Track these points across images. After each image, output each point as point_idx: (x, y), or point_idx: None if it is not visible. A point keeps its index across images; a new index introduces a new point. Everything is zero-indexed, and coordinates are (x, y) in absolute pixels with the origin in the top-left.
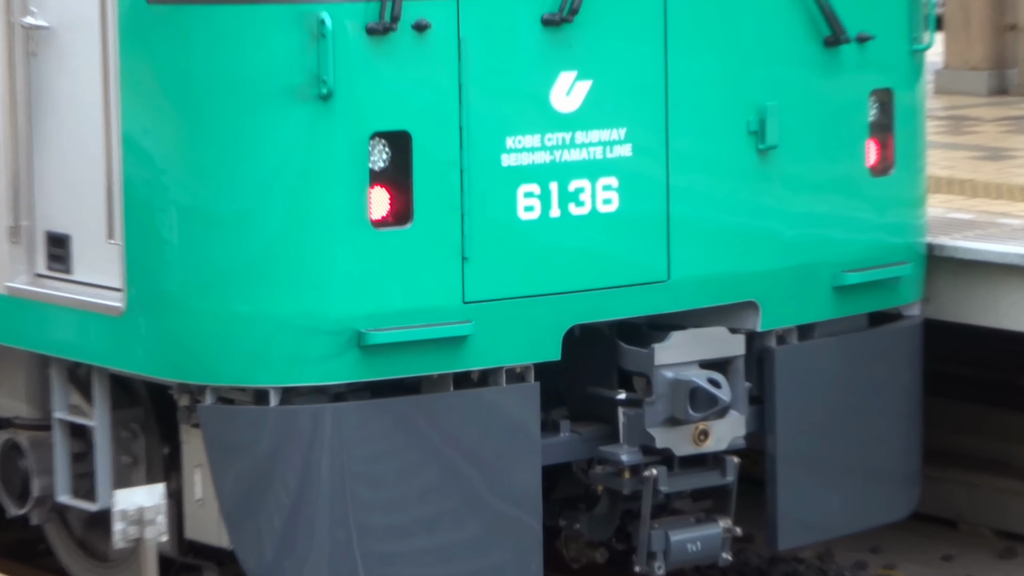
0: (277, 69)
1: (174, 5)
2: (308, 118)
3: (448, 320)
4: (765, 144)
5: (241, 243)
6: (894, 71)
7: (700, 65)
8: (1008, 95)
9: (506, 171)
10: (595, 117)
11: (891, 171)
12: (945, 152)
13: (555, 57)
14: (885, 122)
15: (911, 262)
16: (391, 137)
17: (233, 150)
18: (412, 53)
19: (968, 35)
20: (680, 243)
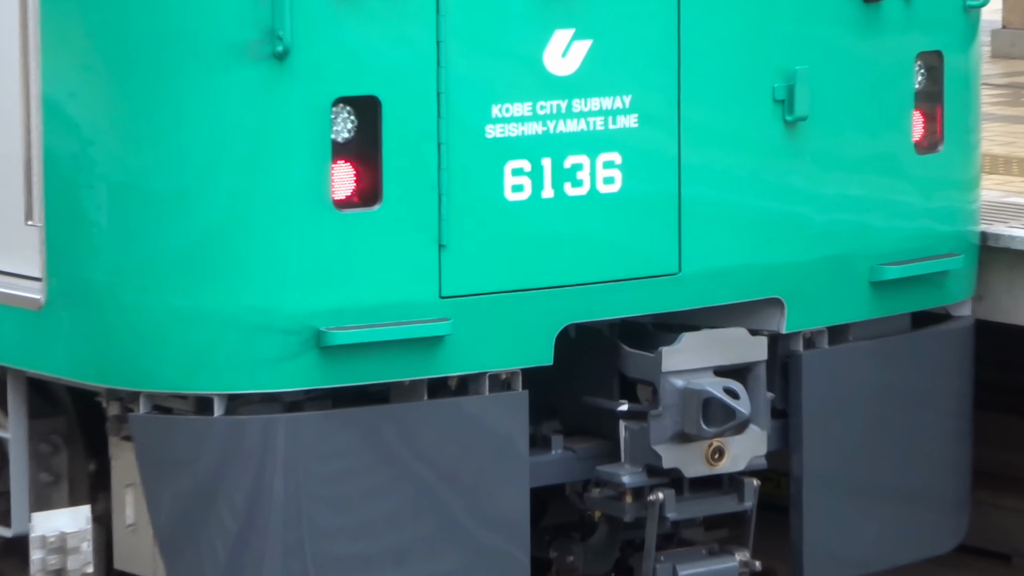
0: (225, 23)
1: None
2: (261, 80)
3: (422, 318)
4: (794, 115)
5: (182, 226)
6: (944, 31)
7: (718, 22)
8: None
9: (491, 144)
10: (595, 82)
11: (940, 148)
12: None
13: (549, 12)
14: (934, 90)
15: (962, 254)
16: (357, 103)
17: (173, 117)
18: (383, 5)
19: None
20: (693, 230)
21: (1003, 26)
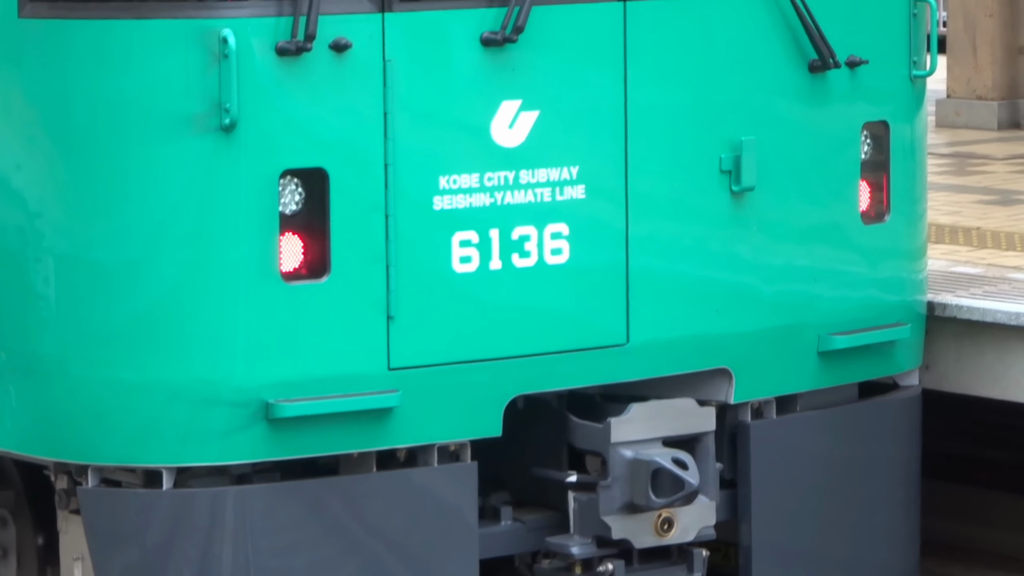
0: (172, 95)
1: (51, 19)
2: (208, 152)
3: (371, 389)
4: (740, 185)
5: (129, 298)
6: (890, 101)
7: (665, 93)
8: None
9: (439, 215)
10: (542, 153)
11: (886, 217)
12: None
13: (496, 83)
14: (880, 160)
15: (909, 323)
16: (304, 175)
17: (120, 189)
18: (330, 77)
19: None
20: (641, 300)
21: (948, 95)
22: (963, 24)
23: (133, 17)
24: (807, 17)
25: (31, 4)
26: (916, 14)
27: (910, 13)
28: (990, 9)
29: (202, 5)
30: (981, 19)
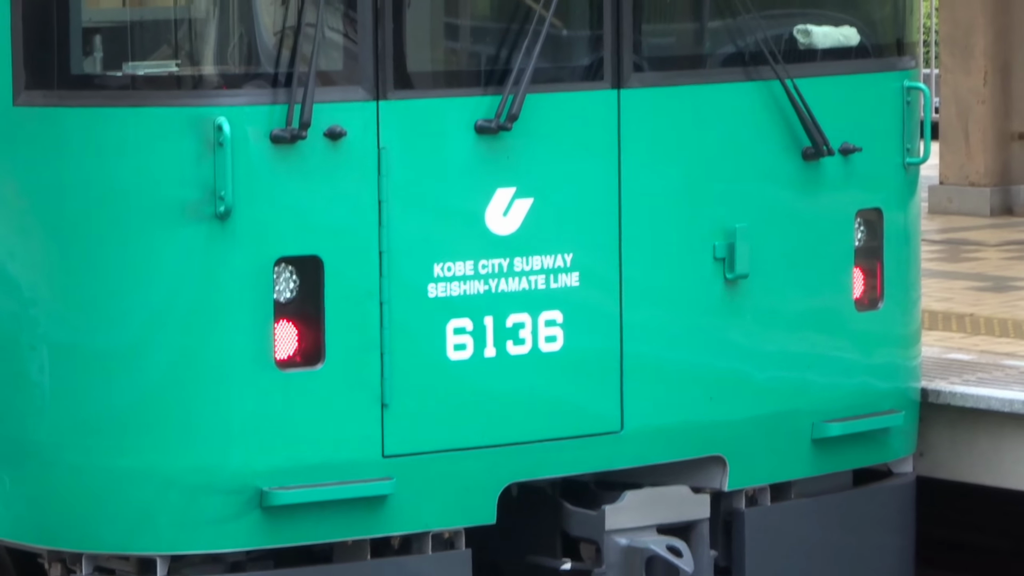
0: (167, 183)
1: (45, 107)
2: (203, 240)
3: (365, 477)
4: (734, 273)
5: (124, 386)
6: (883, 188)
7: (659, 181)
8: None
9: (433, 303)
10: (537, 241)
11: (880, 304)
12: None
13: (491, 171)
14: (873, 247)
15: (903, 411)
16: (299, 263)
17: (115, 277)
18: (324, 165)
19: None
20: (635, 388)
21: (940, 182)
22: (955, 111)
23: (128, 105)
24: (800, 105)
25: (26, 92)
26: (909, 101)
27: (903, 100)
28: (982, 96)
29: (197, 93)
30: (973, 106)
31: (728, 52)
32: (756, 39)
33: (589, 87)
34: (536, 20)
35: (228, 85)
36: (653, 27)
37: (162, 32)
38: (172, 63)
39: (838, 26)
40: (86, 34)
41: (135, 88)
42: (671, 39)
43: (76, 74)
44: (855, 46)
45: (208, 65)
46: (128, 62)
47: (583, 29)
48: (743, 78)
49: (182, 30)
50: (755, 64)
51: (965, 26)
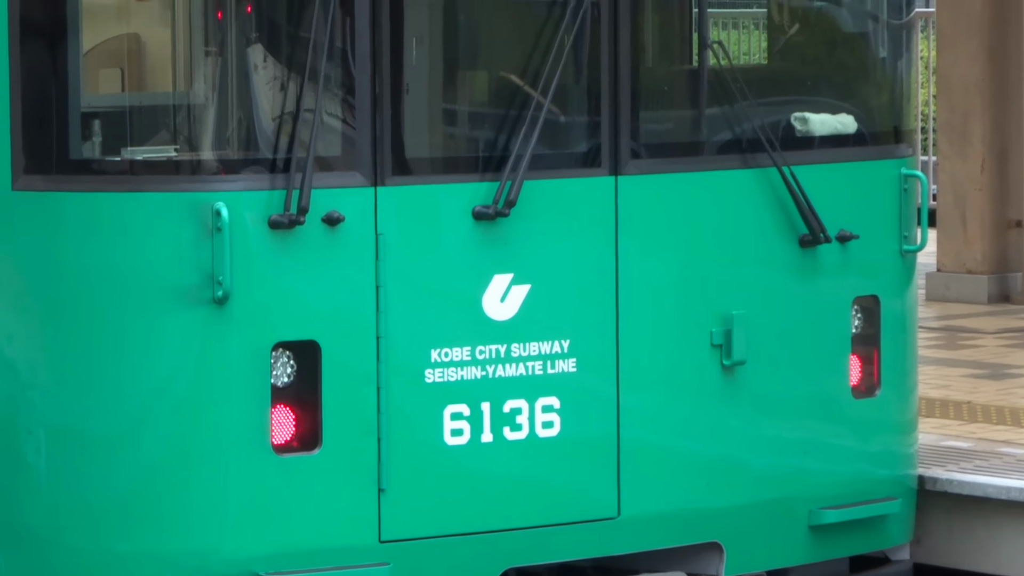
0: (165, 267)
1: (43, 192)
2: (200, 325)
3: (362, 562)
4: (731, 359)
5: (120, 469)
6: (881, 275)
7: (656, 267)
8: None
9: (430, 388)
10: (534, 327)
11: (877, 391)
12: (939, 369)
13: (488, 256)
14: (870, 334)
15: (899, 498)
16: (297, 348)
17: (112, 361)
18: (322, 250)
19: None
20: (632, 474)
21: (938, 269)
22: (953, 198)
23: (126, 189)
24: (798, 192)
25: (25, 176)
26: (906, 189)
27: (901, 188)
28: (980, 183)
29: (195, 178)
30: (971, 193)
31: (725, 139)
32: (753, 126)
33: (587, 173)
34: (534, 106)
35: (226, 170)
36: (650, 114)
37: (161, 117)
38: (171, 148)
39: (835, 114)
40: (85, 119)
41: (133, 173)
42: (668, 126)
43: (75, 159)
44: (852, 133)
45: (207, 150)
46: (127, 147)
47: (581, 115)
48: (740, 165)
49: (181, 115)
50: (752, 151)
51: (962, 113)
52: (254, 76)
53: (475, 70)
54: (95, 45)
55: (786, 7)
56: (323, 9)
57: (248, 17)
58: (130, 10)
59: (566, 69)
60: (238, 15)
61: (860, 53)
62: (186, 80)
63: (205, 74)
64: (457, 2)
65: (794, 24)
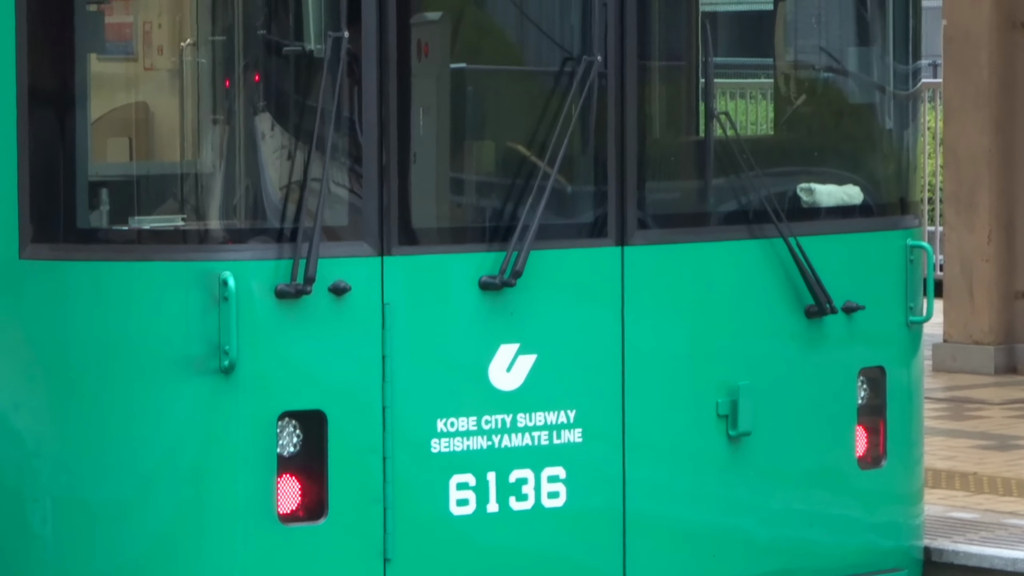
0: (171, 336)
1: (51, 260)
2: (207, 394)
3: None
4: (737, 430)
5: (127, 539)
6: (887, 346)
7: (662, 337)
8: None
9: (436, 458)
10: (540, 397)
11: (883, 463)
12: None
13: (495, 326)
14: (876, 405)
15: (905, 569)
16: (303, 417)
17: (118, 430)
18: (329, 320)
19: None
20: (638, 544)
21: (944, 339)
22: (960, 269)
23: (133, 259)
24: (804, 263)
25: (32, 246)
26: (912, 260)
27: (907, 259)
28: (987, 254)
29: (202, 247)
30: (978, 264)
31: (732, 209)
32: (759, 197)
33: (593, 244)
34: (541, 176)
35: (233, 240)
36: (657, 184)
37: (168, 186)
38: (178, 217)
39: (842, 184)
40: (93, 187)
41: (141, 242)
42: (675, 196)
43: (82, 227)
44: (858, 204)
45: (214, 219)
46: (134, 216)
47: (587, 185)
48: (747, 235)
49: (188, 184)
50: (759, 222)
51: (970, 184)
52: (261, 145)
53: (482, 140)
54: (103, 114)
55: (793, 78)
56: (331, 78)
57: (256, 86)
58: (138, 79)
59: (573, 139)
60: (246, 83)
61: (867, 124)
62: (194, 149)
63: (212, 142)
64: (464, 72)
65: (801, 95)
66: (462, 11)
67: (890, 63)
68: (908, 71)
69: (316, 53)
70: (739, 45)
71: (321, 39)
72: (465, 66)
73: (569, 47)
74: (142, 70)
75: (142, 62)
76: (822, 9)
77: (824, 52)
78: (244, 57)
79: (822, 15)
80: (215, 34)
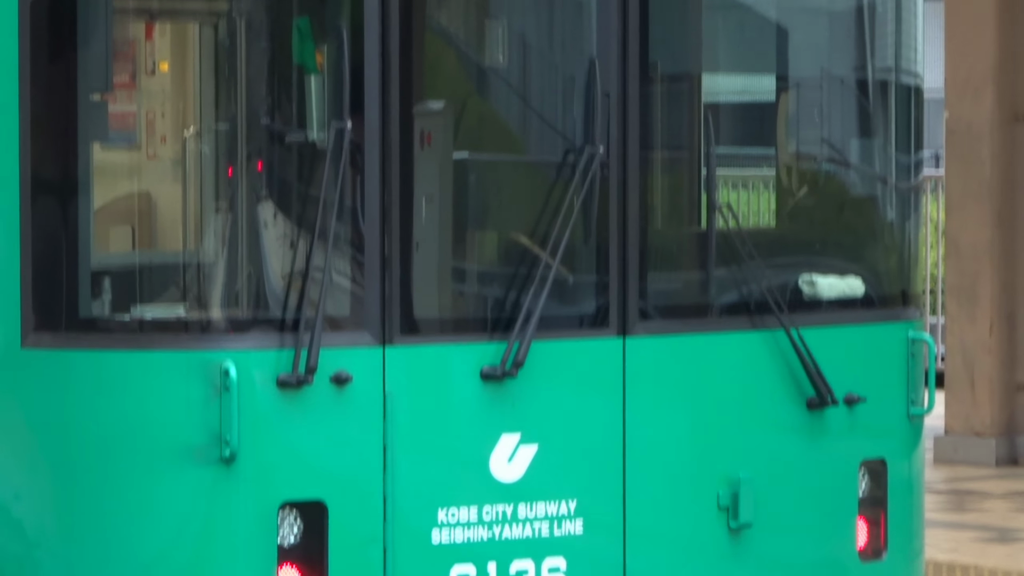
0: (172, 426)
1: (52, 350)
2: (207, 484)
3: None
4: (738, 522)
5: None
6: (888, 438)
7: (663, 428)
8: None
9: (437, 549)
10: (541, 487)
11: (883, 555)
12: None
13: (496, 417)
14: (877, 497)
15: None
16: (304, 508)
17: (119, 519)
18: (330, 410)
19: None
20: None
21: (945, 432)
22: (961, 360)
23: (134, 348)
24: (805, 355)
25: (34, 334)
26: (914, 352)
27: (908, 351)
28: (988, 346)
29: (203, 337)
30: (980, 356)
31: (733, 300)
32: (761, 288)
33: (595, 334)
34: (542, 267)
35: (235, 329)
36: (659, 275)
37: (170, 275)
38: (180, 306)
39: (843, 276)
40: (95, 277)
41: (142, 332)
42: (677, 287)
43: (84, 317)
44: (860, 296)
45: (215, 309)
46: (136, 305)
47: (589, 275)
48: (748, 327)
49: (190, 273)
50: (760, 313)
51: (971, 276)
52: (264, 234)
53: (484, 229)
54: (106, 202)
55: (795, 168)
56: (333, 168)
57: (258, 175)
58: (141, 167)
59: (575, 229)
60: (248, 172)
61: (869, 215)
62: (196, 237)
63: (215, 231)
64: (467, 162)
65: (803, 186)
66: (465, 101)
67: (892, 154)
68: (910, 162)
69: (319, 143)
70: (741, 135)
71: (324, 129)
72: (468, 155)
73: (572, 137)
74: (145, 159)
75: (145, 151)
76: (824, 100)
77: (826, 143)
78: (247, 146)
79: (824, 106)
80: (218, 123)
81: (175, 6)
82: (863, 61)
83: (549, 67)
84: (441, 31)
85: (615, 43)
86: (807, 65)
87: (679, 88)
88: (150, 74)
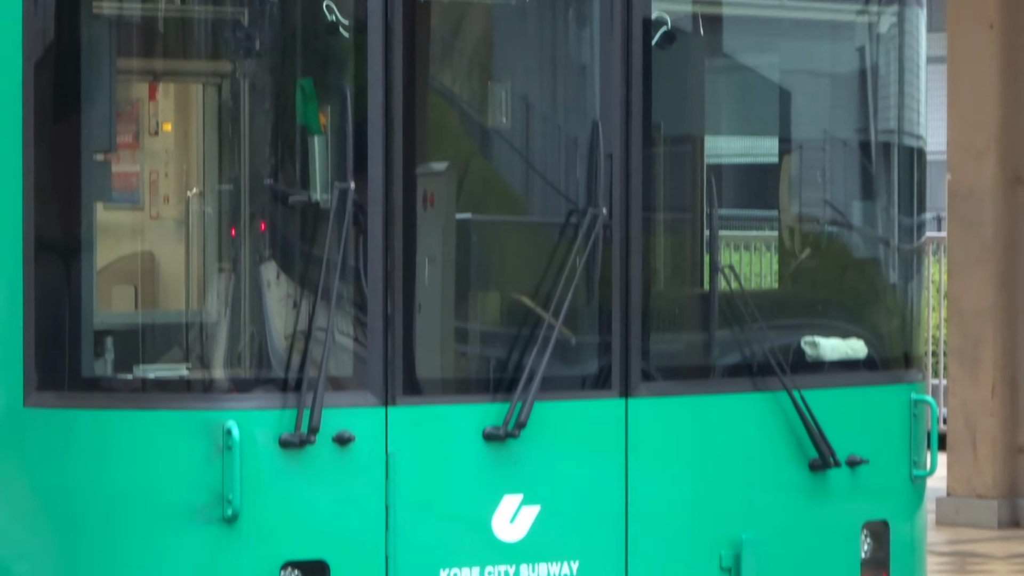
0: (174, 486)
1: (55, 409)
2: (209, 543)
3: None
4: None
5: None
6: (890, 500)
7: (666, 489)
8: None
9: None
10: (543, 548)
11: None
12: None
13: (498, 477)
14: (880, 558)
15: None
16: (306, 568)
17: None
18: (332, 470)
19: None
20: None
21: (948, 494)
22: (964, 423)
23: (137, 408)
24: (808, 416)
25: (36, 394)
26: (916, 414)
27: (910, 413)
28: (991, 408)
29: (206, 396)
30: (982, 418)
31: (736, 362)
32: (764, 350)
33: (597, 395)
34: (545, 327)
35: (238, 389)
36: (661, 336)
37: (173, 335)
38: (183, 366)
39: (846, 338)
40: (98, 336)
41: (145, 391)
42: (679, 348)
43: (87, 376)
44: (863, 358)
45: (218, 368)
46: (139, 364)
47: (592, 336)
48: (751, 388)
49: (193, 333)
50: (763, 375)
51: (974, 339)
52: (266, 294)
53: (487, 291)
54: (109, 262)
55: (797, 231)
56: (336, 228)
57: (262, 235)
58: (144, 227)
59: (577, 290)
60: (251, 233)
61: (871, 277)
62: (199, 297)
63: (218, 291)
64: (469, 223)
65: (805, 247)
66: (468, 162)
67: (895, 216)
68: (913, 224)
69: (322, 203)
70: (744, 197)
71: (327, 189)
72: (471, 216)
73: (574, 199)
74: (148, 219)
75: (148, 211)
76: (827, 162)
77: (829, 205)
78: (250, 206)
79: (827, 168)
80: (221, 183)
81: (178, 66)
82: (866, 123)
83: (552, 128)
84: (444, 92)
85: (618, 105)
86: (810, 127)
87: (682, 150)
88: (153, 134)
